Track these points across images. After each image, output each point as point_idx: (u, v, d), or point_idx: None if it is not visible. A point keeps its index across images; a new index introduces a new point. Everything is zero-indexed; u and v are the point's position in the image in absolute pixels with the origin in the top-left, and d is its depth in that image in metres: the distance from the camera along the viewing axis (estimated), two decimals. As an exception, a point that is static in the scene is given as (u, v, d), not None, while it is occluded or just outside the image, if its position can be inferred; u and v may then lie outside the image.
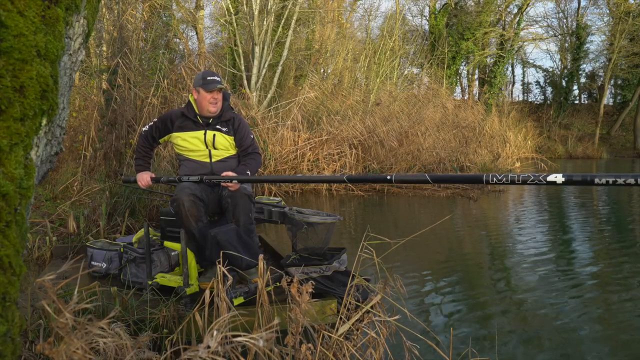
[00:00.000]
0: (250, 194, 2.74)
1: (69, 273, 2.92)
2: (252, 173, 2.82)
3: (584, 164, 17.17)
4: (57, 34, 1.25)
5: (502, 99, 22.11)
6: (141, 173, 2.92)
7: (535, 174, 1.35)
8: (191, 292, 2.53)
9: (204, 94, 2.76)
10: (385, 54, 13.96)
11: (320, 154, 8.65)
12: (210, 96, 2.76)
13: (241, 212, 2.69)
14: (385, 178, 1.69)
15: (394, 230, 5.44)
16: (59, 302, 1.09)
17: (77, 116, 6.70)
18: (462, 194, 8.23)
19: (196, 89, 2.79)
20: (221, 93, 2.83)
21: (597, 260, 4.17)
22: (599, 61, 25.86)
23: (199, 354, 0.98)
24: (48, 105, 1.22)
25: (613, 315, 2.93)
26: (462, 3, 20.92)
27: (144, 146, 2.98)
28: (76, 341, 1.00)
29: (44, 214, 4.51)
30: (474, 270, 3.88)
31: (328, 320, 2.41)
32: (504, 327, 2.72)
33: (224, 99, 2.89)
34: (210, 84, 2.74)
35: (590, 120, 25.16)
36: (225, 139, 2.86)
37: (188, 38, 15.40)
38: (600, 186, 1.23)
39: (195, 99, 2.83)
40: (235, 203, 2.68)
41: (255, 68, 9.85)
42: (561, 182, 1.29)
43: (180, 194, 2.56)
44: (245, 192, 2.69)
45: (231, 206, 2.70)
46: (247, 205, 2.71)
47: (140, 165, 2.98)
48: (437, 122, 11.31)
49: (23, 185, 1.12)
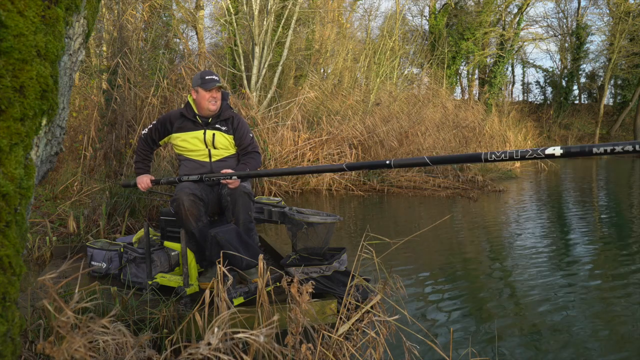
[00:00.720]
0: (250, 192, 2.74)
1: (69, 273, 2.92)
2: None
3: (584, 163, 17.16)
4: (57, 34, 1.25)
5: (502, 99, 22.10)
6: (141, 176, 2.92)
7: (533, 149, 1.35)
8: (191, 292, 2.53)
9: (203, 93, 2.78)
10: (385, 54, 13.96)
11: (320, 154, 8.65)
12: (209, 95, 2.78)
13: (241, 210, 2.70)
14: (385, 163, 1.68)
15: (394, 230, 5.44)
16: (60, 301, 1.09)
17: (77, 116, 6.70)
18: (462, 194, 8.23)
19: (195, 88, 2.81)
20: (220, 92, 2.85)
21: (598, 260, 4.17)
22: (599, 61, 25.88)
23: (200, 351, 0.98)
24: (48, 105, 1.23)
25: (613, 314, 2.93)
26: (462, 3, 20.92)
27: (143, 149, 2.98)
28: (78, 339, 1.00)
29: (44, 214, 4.51)
30: (473, 270, 3.88)
31: (328, 320, 2.41)
32: (504, 327, 2.72)
33: (222, 98, 2.90)
34: (209, 82, 2.76)
35: (590, 120, 25.16)
36: (225, 138, 2.87)
37: (188, 38, 15.40)
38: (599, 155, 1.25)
39: (194, 99, 2.85)
40: (235, 201, 2.69)
41: (255, 68, 9.85)
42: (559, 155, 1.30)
43: (180, 194, 2.57)
44: (245, 190, 2.70)
45: (230, 204, 2.71)
46: (246, 204, 2.71)
47: (140, 169, 2.97)
48: (437, 122, 11.32)
49: (23, 185, 1.12)
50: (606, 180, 11.79)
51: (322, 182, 8.42)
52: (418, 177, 9.06)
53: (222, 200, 2.75)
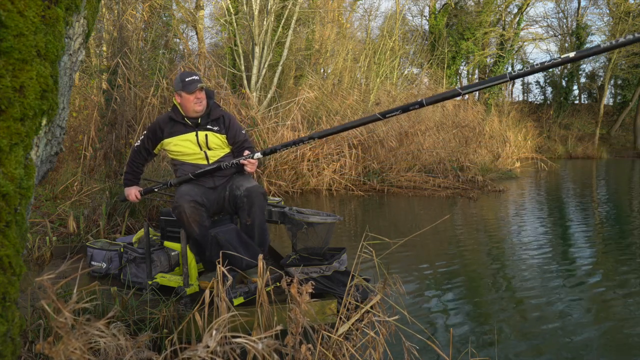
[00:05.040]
0: (265, 193, 2.73)
1: (68, 273, 2.92)
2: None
3: (584, 163, 17.16)
4: (57, 34, 1.25)
5: (502, 99, 22.09)
6: (129, 188, 2.91)
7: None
8: (191, 292, 2.53)
9: (186, 97, 2.72)
10: (385, 54, 13.96)
11: (320, 154, 8.65)
12: (194, 97, 2.72)
13: (257, 212, 2.68)
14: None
15: (394, 230, 5.44)
16: (58, 302, 1.09)
17: (77, 116, 6.70)
18: (462, 194, 8.23)
19: (178, 92, 2.74)
20: (203, 91, 2.79)
21: (598, 260, 4.17)
22: (599, 61, 25.85)
23: (198, 353, 0.97)
24: (48, 105, 1.23)
25: (613, 314, 2.93)
26: (462, 3, 20.91)
27: (135, 160, 2.94)
28: (74, 341, 1.00)
29: (44, 214, 4.51)
30: (473, 270, 3.88)
31: (328, 320, 2.41)
32: (504, 327, 2.72)
33: (208, 96, 2.84)
34: (191, 84, 2.69)
35: (590, 120, 25.14)
36: (218, 138, 2.83)
37: (188, 38, 15.39)
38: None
39: (179, 102, 2.78)
40: (252, 202, 2.66)
41: (255, 68, 9.85)
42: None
43: (180, 201, 2.54)
44: (261, 191, 2.68)
45: (247, 205, 2.67)
46: (262, 204, 2.70)
47: (129, 180, 2.95)
48: (437, 122, 11.31)
49: (23, 185, 1.12)
50: (606, 180, 11.79)
51: (322, 182, 8.42)
52: (418, 177, 9.06)
53: (238, 201, 2.70)
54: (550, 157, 17.40)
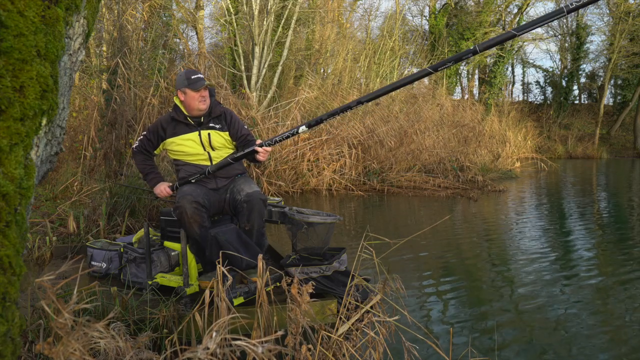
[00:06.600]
0: (265, 199, 2.73)
1: (68, 273, 2.92)
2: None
3: (584, 164, 17.16)
4: (57, 34, 1.25)
5: (502, 98, 22.10)
6: (156, 186, 2.86)
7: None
8: (191, 292, 2.53)
9: (192, 94, 2.70)
10: (385, 54, 13.96)
11: (320, 154, 8.65)
12: (199, 95, 2.71)
13: (256, 217, 2.68)
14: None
15: (394, 230, 5.44)
16: (57, 302, 1.09)
17: (77, 116, 6.70)
18: (462, 194, 8.24)
19: (182, 90, 2.72)
20: (207, 89, 2.79)
21: (598, 260, 4.17)
22: (599, 61, 25.84)
23: (198, 355, 0.97)
24: (48, 105, 1.23)
25: (613, 315, 2.93)
26: (462, 3, 20.91)
27: (142, 161, 2.91)
28: (74, 342, 1.00)
29: (44, 214, 4.51)
30: (473, 271, 3.88)
31: (328, 320, 2.41)
32: (504, 327, 2.72)
33: (210, 94, 2.84)
34: (197, 82, 2.69)
35: (590, 120, 25.14)
36: (221, 136, 2.83)
37: (188, 38, 15.39)
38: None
39: (182, 100, 2.76)
40: (252, 208, 2.66)
41: (255, 68, 9.85)
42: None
43: (182, 202, 2.54)
44: (261, 197, 2.68)
45: (246, 210, 2.67)
46: (262, 211, 2.70)
47: (152, 180, 2.89)
48: (437, 122, 11.32)
49: (23, 185, 1.12)
50: (606, 180, 11.79)
51: (322, 182, 8.42)
52: (418, 177, 9.06)
53: (238, 206, 2.70)
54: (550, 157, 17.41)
